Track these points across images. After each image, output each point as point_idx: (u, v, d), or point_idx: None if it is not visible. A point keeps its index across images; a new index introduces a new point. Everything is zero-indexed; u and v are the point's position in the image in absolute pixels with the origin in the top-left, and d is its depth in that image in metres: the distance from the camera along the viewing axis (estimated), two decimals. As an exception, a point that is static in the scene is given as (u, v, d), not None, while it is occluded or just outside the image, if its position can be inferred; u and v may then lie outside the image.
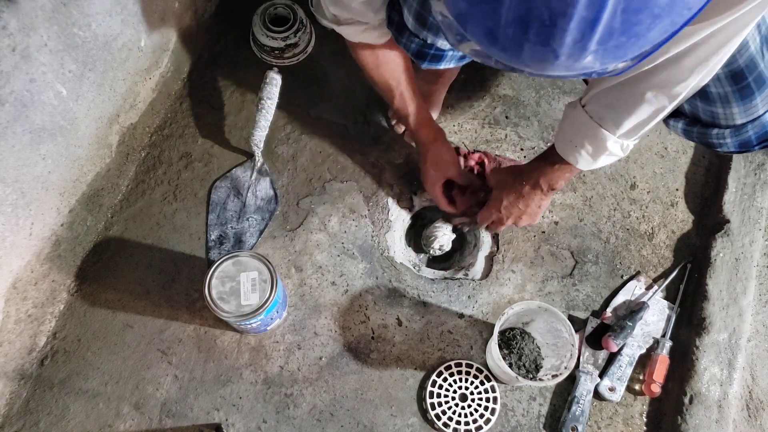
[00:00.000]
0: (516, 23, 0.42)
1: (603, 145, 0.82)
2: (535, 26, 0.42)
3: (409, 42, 0.84)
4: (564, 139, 0.87)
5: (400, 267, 1.11)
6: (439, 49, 0.85)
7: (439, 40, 0.82)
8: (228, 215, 1.13)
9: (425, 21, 0.79)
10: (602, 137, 0.81)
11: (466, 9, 0.46)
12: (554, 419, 1.01)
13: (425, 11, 0.77)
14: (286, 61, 1.25)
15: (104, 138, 1.07)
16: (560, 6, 0.39)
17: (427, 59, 0.87)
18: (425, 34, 0.81)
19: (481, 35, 0.47)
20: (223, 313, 0.89)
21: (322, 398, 1.01)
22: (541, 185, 0.94)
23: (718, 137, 0.75)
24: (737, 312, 1.05)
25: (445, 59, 0.88)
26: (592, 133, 0.82)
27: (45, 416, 0.98)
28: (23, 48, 0.82)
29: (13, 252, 0.93)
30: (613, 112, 0.79)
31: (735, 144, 0.75)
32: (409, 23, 0.81)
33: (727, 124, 0.73)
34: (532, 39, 0.43)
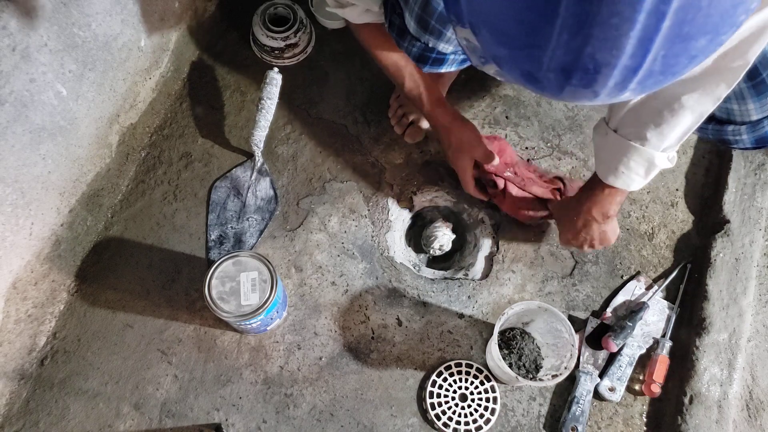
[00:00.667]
0: (559, 70, 0.42)
1: (652, 163, 0.81)
2: (578, 74, 0.42)
3: (411, 46, 0.84)
4: (608, 168, 0.85)
5: (400, 267, 1.11)
6: (440, 53, 0.85)
7: (440, 43, 0.82)
8: (228, 215, 1.13)
9: (427, 25, 0.79)
10: (649, 156, 0.80)
11: (504, 53, 0.46)
12: (554, 419, 1.01)
13: (427, 15, 0.77)
14: (286, 61, 1.25)
15: (104, 138, 1.07)
16: (605, 58, 0.40)
17: (428, 63, 0.87)
18: (427, 38, 0.81)
19: (518, 76, 0.47)
20: (223, 313, 0.89)
21: (322, 398, 1.01)
22: (595, 216, 0.92)
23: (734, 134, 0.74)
24: (737, 312, 1.05)
25: (446, 63, 0.88)
26: (637, 154, 0.80)
27: (45, 416, 0.98)
28: (23, 48, 0.82)
29: (13, 252, 0.93)
30: (650, 127, 0.77)
31: (752, 140, 0.74)
32: (410, 27, 0.81)
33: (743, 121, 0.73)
34: (575, 83, 0.43)
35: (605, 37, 0.38)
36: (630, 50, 0.39)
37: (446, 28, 0.78)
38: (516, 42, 0.43)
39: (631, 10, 0.36)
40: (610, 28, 0.38)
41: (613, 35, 0.38)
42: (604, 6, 0.37)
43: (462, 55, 0.88)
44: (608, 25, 0.38)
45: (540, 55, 0.42)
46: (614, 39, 0.38)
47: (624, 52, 0.39)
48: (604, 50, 0.39)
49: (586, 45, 0.39)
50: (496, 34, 0.45)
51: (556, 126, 1.23)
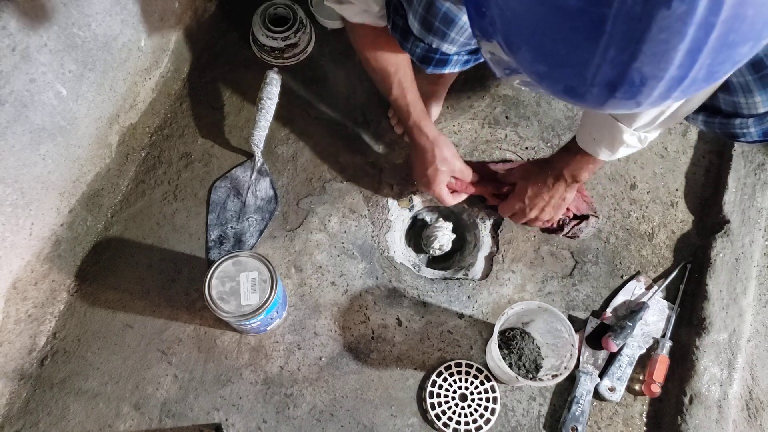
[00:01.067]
0: (603, 85, 0.42)
1: (620, 137, 0.85)
2: (624, 88, 0.42)
3: (414, 47, 0.84)
4: (584, 133, 0.91)
5: (400, 267, 1.11)
6: (444, 53, 0.84)
7: (444, 44, 0.82)
8: (228, 215, 1.13)
9: (431, 26, 0.78)
10: (618, 130, 0.84)
11: (544, 70, 0.46)
12: (554, 419, 1.01)
13: (431, 16, 0.77)
14: (286, 61, 1.25)
15: (104, 138, 1.07)
16: (653, 71, 0.40)
17: (432, 64, 0.87)
18: (431, 39, 0.81)
19: (558, 91, 0.47)
20: (223, 313, 0.89)
21: (322, 398, 1.01)
22: (565, 176, 0.97)
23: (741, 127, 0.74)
24: (737, 312, 1.05)
25: (450, 64, 0.88)
26: (609, 126, 0.85)
27: (45, 416, 0.98)
28: (23, 48, 0.82)
29: (13, 252, 0.93)
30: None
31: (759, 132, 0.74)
32: (414, 28, 0.81)
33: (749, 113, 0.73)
34: (619, 96, 0.43)
35: (654, 51, 0.38)
36: (678, 62, 0.39)
37: (450, 29, 0.78)
38: (559, 60, 0.43)
39: (681, 24, 0.37)
40: (660, 43, 0.38)
41: (662, 49, 0.38)
42: (654, 23, 0.37)
43: (466, 56, 0.88)
44: (657, 41, 0.38)
45: (584, 72, 0.42)
46: (663, 53, 0.38)
47: (672, 65, 0.39)
48: (652, 64, 0.39)
49: (634, 60, 0.39)
50: (538, 52, 0.45)
51: (556, 126, 1.23)
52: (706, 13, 0.36)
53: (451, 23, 0.77)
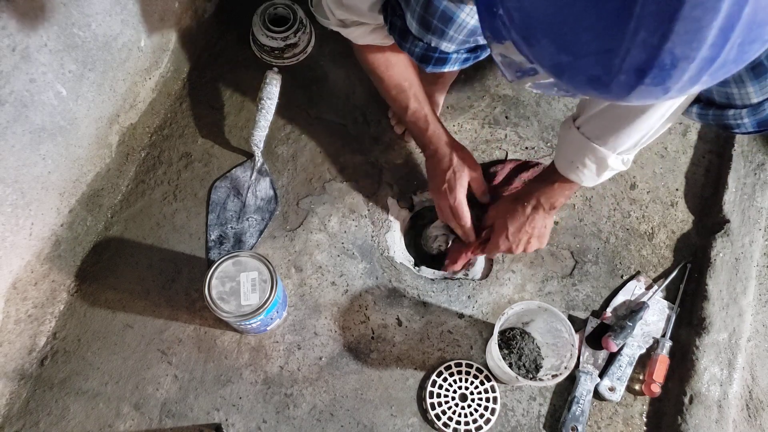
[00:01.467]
0: (632, 71, 0.41)
1: (604, 163, 0.85)
2: (653, 72, 0.40)
3: (413, 46, 0.84)
4: (564, 160, 0.90)
5: (400, 267, 1.11)
6: (443, 52, 0.84)
7: (443, 43, 0.82)
8: (228, 215, 1.13)
9: (429, 25, 0.78)
10: (602, 156, 0.84)
11: (567, 61, 0.44)
12: (554, 419, 1.01)
13: (429, 15, 0.77)
14: (286, 61, 1.25)
15: (104, 138, 1.07)
16: (685, 51, 0.39)
17: (431, 62, 0.87)
18: (429, 38, 0.81)
19: (582, 82, 0.45)
20: (223, 313, 0.89)
21: (322, 398, 1.01)
22: (543, 204, 0.96)
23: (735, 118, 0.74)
24: (737, 312, 1.05)
25: (449, 62, 0.88)
26: (591, 152, 0.85)
27: (45, 416, 0.98)
28: (23, 48, 0.82)
29: (13, 252, 0.93)
30: (611, 131, 0.81)
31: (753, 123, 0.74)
32: (412, 28, 0.81)
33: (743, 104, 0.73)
34: (647, 82, 0.41)
35: (687, 30, 0.37)
36: (711, 40, 0.38)
37: (448, 26, 0.78)
38: (582, 48, 0.42)
39: (715, 0, 0.36)
40: (693, 21, 0.37)
41: (696, 27, 0.37)
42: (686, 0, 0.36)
43: (465, 54, 0.88)
44: (691, 18, 0.37)
45: (611, 58, 0.41)
46: (696, 31, 0.37)
47: (705, 44, 0.38)
48: (684, 44, 0.38)
49: (665, 41, 0.38)
50: (559, 42, 0.43)
51: (556, 126, 1.23)
52: None
53: (449, 21, 0.77)
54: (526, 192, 0.99)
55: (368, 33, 0.89)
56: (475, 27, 0.79)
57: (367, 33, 0.89)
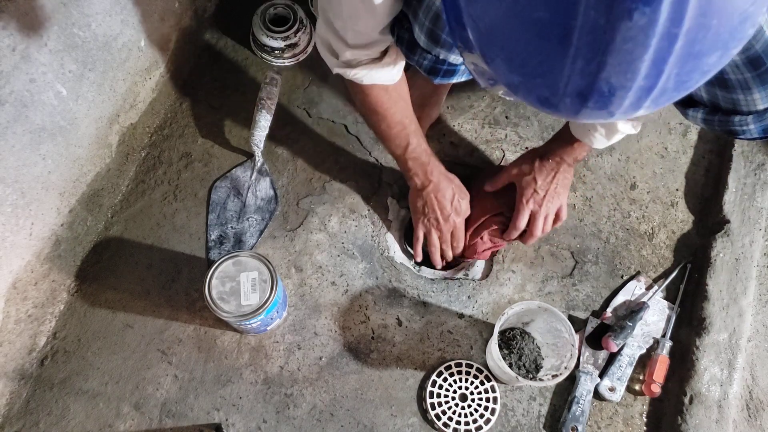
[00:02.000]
0: (574, 95, 0.43)
1: (614, 126, 0.89)
2: (594, 97, 0.43)
3: (422, 59, 0.84)
4: (576, 124, 0.95)
5: (400, 267, 1.11)
6: (451, 64, 0.84)
7: (451, 55, 0.81)
8: (228, 215, 1.13)
9: (438, 39, 0.78)
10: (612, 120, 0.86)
11: (518, 81, 0.47)
12: (554, 419, 1.01)
13: (438, 29, 0.77)
14: (286, 61, 1.25)
15: (104, 138, 1.07)
16: (620, 81, 0.41)
17: (440, 75, 0.87)
18: (438, 51, 0.81)
19: (533, 100, 0.47)
20: (223, 313, 0.89)
21: (322, 398, 1.01)
22: (566, 159, 1.01)
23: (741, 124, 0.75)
24: (737, 312, 1.05)
25: (458, 74, 0.88)
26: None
27: (45, 416, 0.98)
28: (23, 48, 0.82)
29: (13, 252, 0.93)
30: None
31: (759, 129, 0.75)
32: (420, 41, 0.81)
33: (749, 110, 0.73)
34: (590, 106, 0.44)
35: (619, 62, 0.39)
36: (644, 72, 0.40)
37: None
38: (531, 70, 0.44)
39: (644, 36, 0.37)
40: (624, 54, 0.39)
41: (627, 59, 0.39)
42: (618, 33, 0.37)
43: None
44: (622, 51, 0.38)
45: (555, 82, 0.43)
46: (628, 63, 0.39)
47: (639, 75, 0.40)
48: (619, 74, 0.40)
49: (601, 71, 0.40)
50: (510, 63, 0.45)
51: (556, 126, 1.22)
52: (667, 24, 0.37)
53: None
54: (548, 149, 1.03)
55: (374, 72, 0.87)
56: None
57: (373, 72, 0.87)
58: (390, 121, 0.97)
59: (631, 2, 0.36)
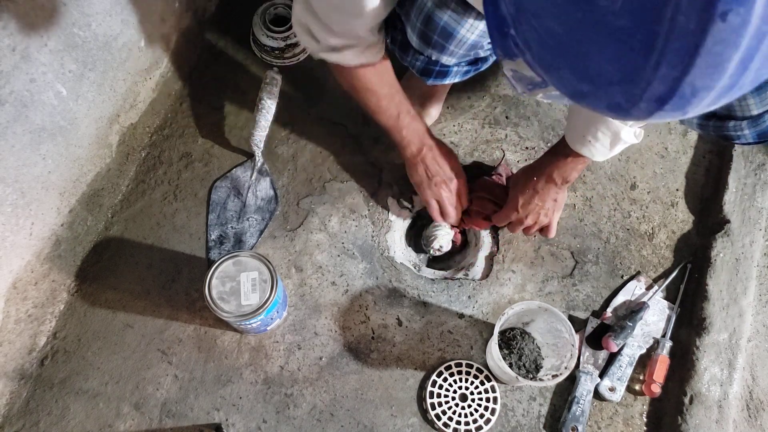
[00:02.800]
0: (652, 100, 0.42)
1: (617, 135, 0.84)
2: (674, 101, 0.41)
3: (414, 60, 0.84)
4: (576, 134, 0.89)
5: (400, 267, 1.11)
6: (443, 65, 0.84)
7: (443, 56, 0.82)
8: (228, 215, 1.13)
9: (429, 40, 0.78)
10: (615, 129, 0.83)
11: (588, 90, 0.45)
12: (554, 419, 1.01)
13: (429, 30, 0.77)
14: (286, 61, 1.25)
15: (104, 138, 1.07)
16: (705, 83, 0.40)
17: (432, 76, 0.87)
18: (430, 52, 0.81)
19: (603, 107, 0.46)
20: (223, 313, 0.89)
21: (322, 398, 1.01)
22: (555, 179, 0.96)
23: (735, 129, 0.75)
24: (737, 312, 1.05)
25: (450, 75, 0.88)
26: (605, 125, 0.84)
27: (45, 416, 0.98)
28: (23, 48, 0.82)
29: (13, 252, 0.93)
30: None
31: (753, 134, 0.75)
32: (413, 42, 0.81)
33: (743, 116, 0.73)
34: (667, 109, 0.42)
35: (708, 64, 0.38)
36: (730, 72, 0.39)
37: (449, 42, 0.78)
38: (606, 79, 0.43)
39: (736, 36, 0.37)
40: (714, 56, 0.38)
41: (717, 61, 0.38)
42: (709, 37, 0.37)
43: (465, 67, 0.88)
44: (712, 53, 0.38)
45: (633, 89, 0.42)
46: (717, 65, 0.38)
47: (725, 75, 0.39)
48: (705, 76, 0.39)
49: (686, 74, 0.39)
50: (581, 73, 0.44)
51: (556, 126, 1.23)
52: (760, 22, 0.36)
53: (449, 36, 0.77)
54: (539, 165, 0.99)
55: (360, 53, 0.87)
56: (476, 42, 0.78)
57: (360, 53, 0.87)
58: (380, 94, 0.97)
59: (726, 4, 0.35)
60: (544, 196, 0.99)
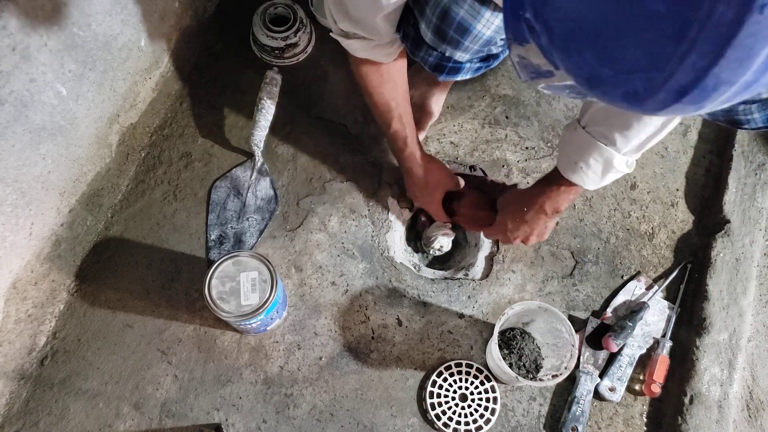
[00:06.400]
0: (673, 90, 0.41)
1: (609, 163, 0.82)
2: (695, 92, 0.40)
3: (427, 55, 0.84)
4: (568, 161, 0.87)
5: (400, 267, 1.11)
6: (456, 61, 0.84)
7: (457, 52, 0.81)
8: (228, 215, 1.13)
9: (445, 35, 0.78)
10: (608, 156, 0.82)
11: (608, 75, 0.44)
12: (554, 419, 1.01)
13: (445, 26, 0.77)
14: (286, 61, 1.25)
15: (104, 138, 1.07)
16: (729, 76, 0.39)
17: (445, 72, 0.87)
18: (444, 48, 0.81)
19: (617, 96, 0.45)
20: (223, 313, 0.89)
21: (322, 398, 1.01)
22: (546, 209, 0.93)
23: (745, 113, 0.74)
24: (737, 312, 1.05)
25: (462, 71, 0.88)
26: (598, 153, 0.82)
27: (45, 416, 0.98)
28: (23, 48, 0.82)
29: (13, 252, 0.93)
30: (617, 129, 0.79)
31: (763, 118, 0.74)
32: (427, 38, 0.80)
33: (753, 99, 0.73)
34: (684, 102, 0.41)
35: (737, 57, 0.38)
36: (755, 67, 0.39)
37: (464, 37, 0.78)
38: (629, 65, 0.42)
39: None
40: (744, 49, 0.37)
41: (746, 55, 0.38)
42: (744, 28, 0.36)
43: (478, 63, 0.88)
44: (742, 46, 0.37)
45: (656, 77, 0.41)
46: (744, 59, 0.38)
47: (749, 70, 0.39)
48: (731, 69, 0.39)
49: (714, 65, 0.38)
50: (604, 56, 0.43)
51: (556, 126, 1.23)
52: None
53: (465, 32, 0.77)
54: (530, 194, 0.96)
55: (369, 48, 0.88)
56: (491, 37, 0.78)
57: (368, 48, 0.88)
58: (376, 99, 0.98)
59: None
60: (533, 225, 0.96)
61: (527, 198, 0.96)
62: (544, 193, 0.93)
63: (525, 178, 1.18)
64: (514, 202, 0.98)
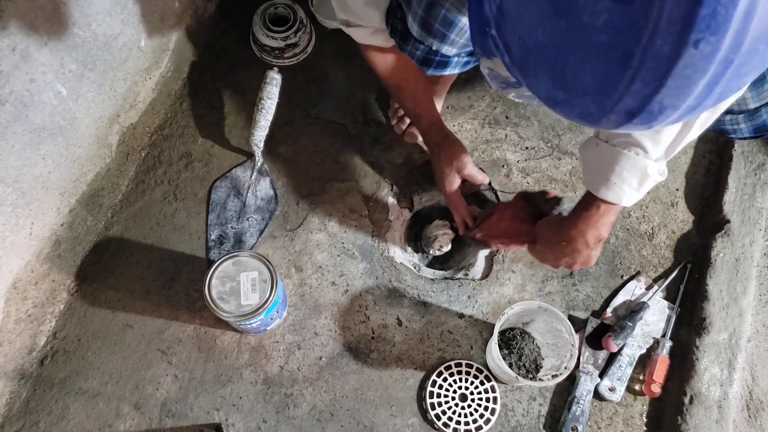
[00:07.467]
0: (622, 113, 0.44)
1: (645, 172, 0.77)
2: (642, 115, 0.44)
3: (414, 49, 0.84)
4: (599, 179, 0.81)
5: (400, 267, 1.11)
6: (444, 55, 0.84)
7: (444, 46, 0.81)
8: (228, 215, 1.13)
9: (431, 28, 0.78)
10: (642, 165, 0.77)
11: (562, 97, 0.47)
12: (554, 419, 1.01)
13: (431, 18, 0.77)
14: (286, 61, 1.25)
15: (104, 138, 1.07)
16: (672, 102, 0.42)
17: (432, 66, 0.87)
18: (430, 41, 0.81)
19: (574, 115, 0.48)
20: (223, 313, 0.89)
21: (322, 398, 1.01)
22: (589, 241, 0.86)
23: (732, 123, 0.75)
24: (737, 312, 1.05)
25: (450, 65, 0.88)
26: (630, 164, 0.78)
27: (45, 416, 0.98)
28: (23, 48, 0.82)
29: (13, 252, 0.93)
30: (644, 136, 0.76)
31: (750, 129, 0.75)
32: (413, 31, 0.81)
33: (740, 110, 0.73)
34: (635, 123, 0.45)
35: (677, 86, 0.41)
36: (696, 94, 0.42)
37: (450, 30, 0.78)
38: (581, 89, 0.45)
39: (705, 63, 0.39)
40: (683, 78, 0.40)
41: (685, 84, 0.41)
42: (681, 61, 0.39)
43: (465, 57, 0.88)
44: (681, 76, 0.40)
45: (606, 101, 0.44)
46: (685, 87, 0.41)
47: (691, 96, 0.42)
48: (673, 97, 0.42)
49: (656, 93, 0.42)
50: (558, 80, 0.46)
51: (556, 126, 1.23)
52: (728, 51, 0.39)
53: (451, 25, 0.77)
54: (568, 226, 0.88)
55: (369, 35, 0.90)
56: None
57: (369, 34, 0.90)
58: (388, 81, 1.00)
59: (699, 32, 0.37)
60: (576, 255, 0.89)
61: (565, 227, 0.88)
62: (583, 221, 0.85)
63: (525, 178, 1.18)
64: (552, 236, 0.91)
